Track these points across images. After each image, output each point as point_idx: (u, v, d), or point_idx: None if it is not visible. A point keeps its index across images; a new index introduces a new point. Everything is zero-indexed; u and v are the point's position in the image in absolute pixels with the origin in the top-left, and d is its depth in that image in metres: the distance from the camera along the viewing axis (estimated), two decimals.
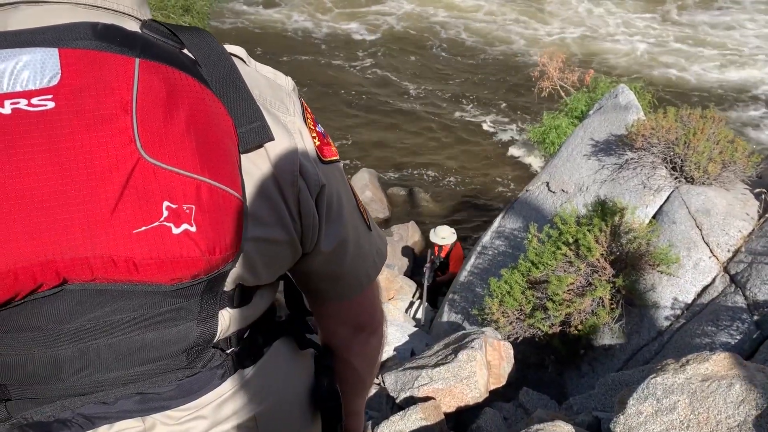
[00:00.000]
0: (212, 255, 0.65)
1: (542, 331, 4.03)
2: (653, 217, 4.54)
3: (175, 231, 0.63)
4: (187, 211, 0.63)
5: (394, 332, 4.86)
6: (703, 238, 4.15)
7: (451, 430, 3.26)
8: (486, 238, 5.71)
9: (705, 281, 3.98)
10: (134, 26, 0.71)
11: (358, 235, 0.88)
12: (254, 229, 0.71)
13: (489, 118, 11.87)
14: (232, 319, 0.76)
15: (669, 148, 4.74)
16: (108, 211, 0.61)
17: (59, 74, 0.62)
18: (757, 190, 4.45)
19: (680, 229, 4.26)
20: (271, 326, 0.87)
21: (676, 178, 4.69)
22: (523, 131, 10.88)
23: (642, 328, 3.98)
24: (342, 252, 0.85)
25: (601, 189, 4.96)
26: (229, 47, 0.76)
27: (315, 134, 0.81)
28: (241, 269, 0.72)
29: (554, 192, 5.44)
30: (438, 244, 6.76)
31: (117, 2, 0.71)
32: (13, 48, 0.63)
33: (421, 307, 6.27)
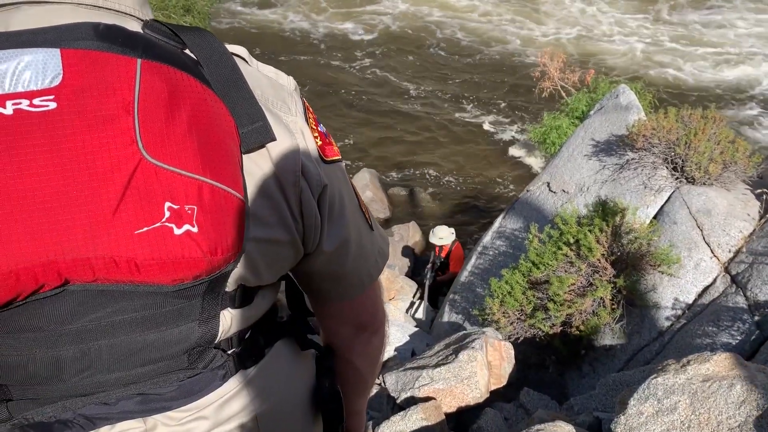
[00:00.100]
0: (214, 256, 0.65)
1: (543, 331, 4.03)
2: (654, 217, 4.53)
3: (177, 232, 0.62)
4: (189, 211, 0.63)
5: (394, 332, 4.85)
6: (704, 239, 4.15)
7: (452, 431, 3.26)
8: (487, 238, 5.70)
9: (706, 282, 3.98)
10: (136, 26, 0.71)
11: (360, 235, 0.88)
12: (256, 230, 0.71)
13: (489, 118, 11.86)
14: (233, 320, 0.76)
15: (670, 148, 4.74)
16: (110, 211, 0.60)
17: (61, 75, 0.62)
18: (758, 191, 4.44)
19: (681, 230, 4.26)
20: (273, 327, 0.87)
21: (677, 179, 4.68)
22: (524, 131, 10.88)
23: (643, 328, 3.98)
24: (344, 252, 0.85)
25: (602, 189, 4.96)
26: (230, 47, 0.76)
27: (317, 134, 0.81)
28: (242, 270, 0.72)
29: (555, 192, 5.43)
30: (436, 244, 6.76)
31: (119, 2, 0.71)
32: (15, 48, 0.63)
33: (421, 306, 6.28)
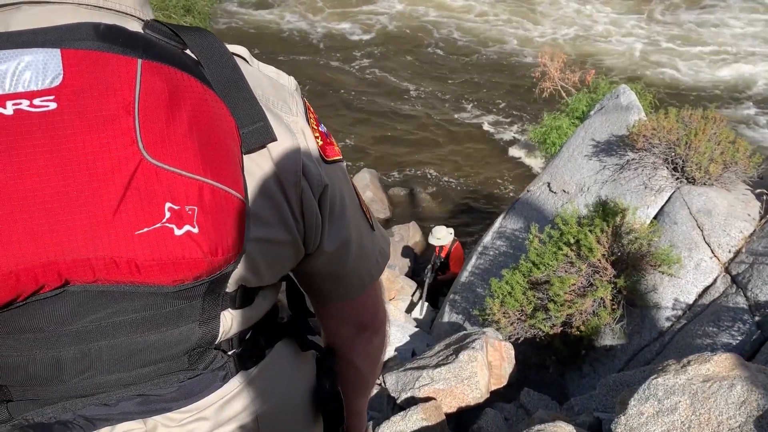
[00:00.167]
0: (214, 256, 0.65)
1: (543, 331, 4.03)
2: (654, 217, 4.53)
3: (178, 232, 0.62)
4: (190, 212, 0.63)
5: (395, 332, 4.85)
6: (704, 239, 4.15)
7: (452, 431, 3.26)
8: (487, 238, 5.70)
9: (706, 282, 3.98)
10: (136, 27, 0.70)
11: (361, 235, 0.88)
12: (257, 230, 0.71)
13: (489, 118, 11.85)
14: (234, 321, 0.76)
15: (670, 148, 4.74)
16: (110, 212, 0.60)
17: (61, 75, 0.62)
18: (759, 191, 4.44)
19: (681, 230, 4.26)
20: (274, 327, 0.87)
21: (677, 179, 4.68)
22: (524, 132, 10.88)
23: (643, 328, 3.98)
24: (345, 252, 0.85)
25: (602, 189, 4.96)
26: (231, 47, 0.76)
27: (318, 134, 0.81)
28: (243, 270, 0.72)
29: (555, 192, 5.43)
30: (434, 244, 6.76)
31: (119, 2, 0.71)
32: (15, 48, 0.63)
33: (419, 303, 6.28)
